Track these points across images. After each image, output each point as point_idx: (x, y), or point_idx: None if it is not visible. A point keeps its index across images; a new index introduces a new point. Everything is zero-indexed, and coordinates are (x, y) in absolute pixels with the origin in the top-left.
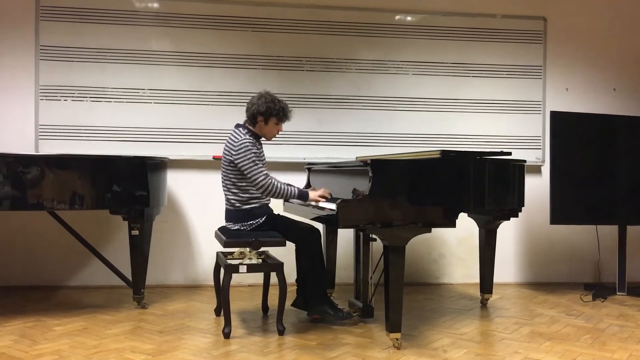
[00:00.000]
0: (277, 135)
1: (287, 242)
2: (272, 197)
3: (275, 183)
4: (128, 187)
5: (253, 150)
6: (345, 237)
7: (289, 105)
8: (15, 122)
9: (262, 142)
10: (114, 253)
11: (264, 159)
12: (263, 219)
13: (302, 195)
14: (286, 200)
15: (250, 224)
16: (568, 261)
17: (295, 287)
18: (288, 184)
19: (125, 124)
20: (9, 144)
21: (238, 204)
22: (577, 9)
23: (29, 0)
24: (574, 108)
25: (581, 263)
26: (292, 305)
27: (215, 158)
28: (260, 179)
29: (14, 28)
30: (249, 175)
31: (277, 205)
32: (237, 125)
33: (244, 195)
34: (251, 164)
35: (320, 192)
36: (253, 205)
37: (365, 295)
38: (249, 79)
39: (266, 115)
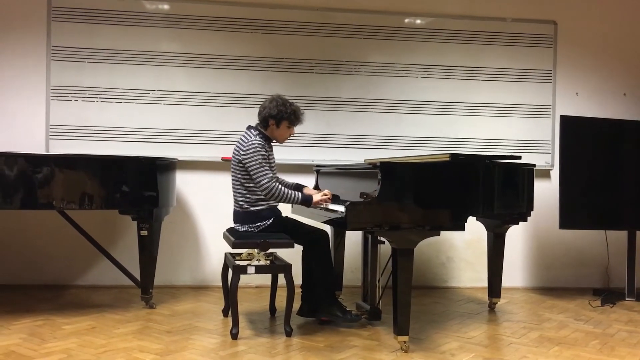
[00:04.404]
0: None
1: (295, 245)
2: (275, 200)
3: (279, 187)
4: (137, 187)
5: (261, 152)
6: (353, 239)
7: (301, 108)
8: (26, 122)
9: (273, 144)
10: (122, 253)
11: (274, 162)
12: (270, 220)
13: (306, 201)
14: (291, 204)
15: (257, 226)
16: (577, 266)
17: (301, 294)
18: (297, 184)
19: (135, 125)
20: (19, 143)
21: (246, 205)
22: (588, 13)
23: (41, 1)
24: (583, 112)
25: (590, 268)
26: (297, 313)
27: (224, 159)
28: (265, 181)
29: (26, 29)
30: (254, 177)
31: (285, 208)
32: (249, 127)
33: (251, 196)
34: (257, 166)
35: (321, 193)
36: (261, 207)
37: (373, 297)
38: (258, 81)
39: (278, 118)
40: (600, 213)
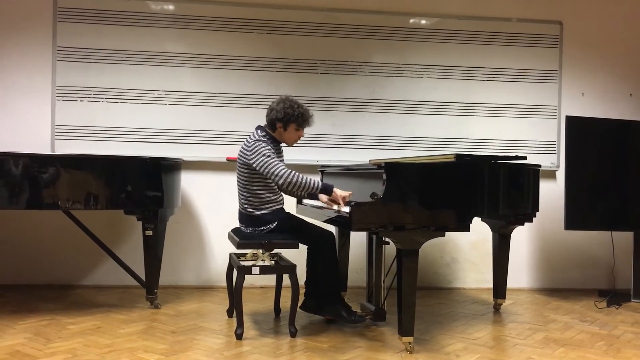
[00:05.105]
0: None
1: (300, 244)
2: (294, 189)
3: (296, 173)
4: (142, 187)
5: (266, 147)
6: (358, 240)
7: (309, 109)
8: (31, 122)
9: (282, 146)
10: (127, 253)
11: (282, 161)
12: (274, 224)
13: (326, 188)
14: (309, 193)
15: (261, 230)
16: (582, 267)
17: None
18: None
19: (141, 125)
20: (25, 143)
21: (250, 209)
22: (594, 13)
23: (47, 1)
24: (589, 113)
25: (595, 269)
26: (300, 308)
27: (229, 160)
28: (278, 170)
29: (32, 29)
30: (265, 172)
31: (289, 208)
32: (257, 128)
33: (254, 200)
34: (265, 158)
35: (346, 193)
36: (264, 212)
37: (377, 298)
38: (263, 82)
39: (284, 121)
40: (606, 214)
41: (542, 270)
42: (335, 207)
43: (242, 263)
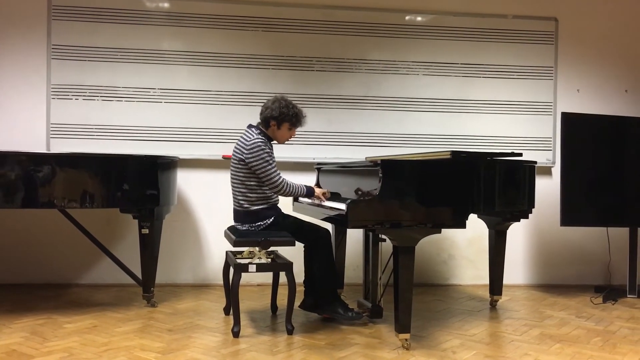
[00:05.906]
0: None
1: (297, 242)
2: (284, 195)
3: (289, 182)
4: (138, 186)
5: (266, 150)
6: (355, 237)
7: (303, 109)
8: (26, 120)
9: (273, 144)
10: (124, 251)
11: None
12: (271, 220)
13: (309, 192)
14: (296, 198)
15: (258, 225)
16: (578, 263)
17: (303, 289)
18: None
19: (136, 123)
20: (20, 142)
21: (246, 205)
22: (589, 9)
23: None
24: (585, 109)
25: (591, 265)
26: (299, 307)
27: (224, 157)
28: (276, 179)
29: (26, 27)
30: (262, 175)
31: (286, 205)
32: (250, 126)
33: (251, 195)
34: (264, 164)
35: (322, 189)
36: (261, 207)
37: (374, 295)
38: (259, 79)
39: (279, 120)
40: (602, 210)
41: (538, 266)
42: (323, 202)
43: (239, 261)
